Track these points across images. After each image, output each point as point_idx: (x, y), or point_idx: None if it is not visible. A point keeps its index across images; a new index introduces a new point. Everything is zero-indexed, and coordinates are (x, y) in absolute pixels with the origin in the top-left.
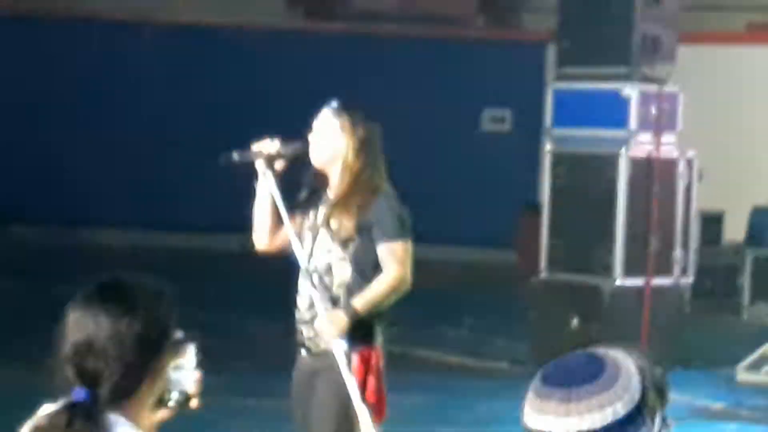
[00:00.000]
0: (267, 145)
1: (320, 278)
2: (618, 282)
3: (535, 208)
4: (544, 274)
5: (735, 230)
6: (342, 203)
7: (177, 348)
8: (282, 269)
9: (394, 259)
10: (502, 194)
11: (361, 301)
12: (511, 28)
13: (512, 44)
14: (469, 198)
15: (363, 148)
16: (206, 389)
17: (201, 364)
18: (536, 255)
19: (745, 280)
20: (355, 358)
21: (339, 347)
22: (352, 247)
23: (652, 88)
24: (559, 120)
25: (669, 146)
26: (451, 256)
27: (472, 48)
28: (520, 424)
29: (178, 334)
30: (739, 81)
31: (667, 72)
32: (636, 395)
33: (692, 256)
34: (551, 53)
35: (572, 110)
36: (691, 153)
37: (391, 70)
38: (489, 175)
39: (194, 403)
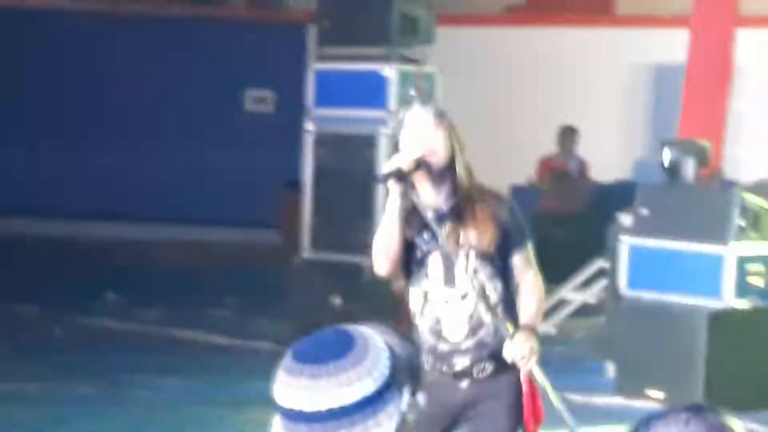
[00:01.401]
0: (408, 157)
1: (480, 301)
2: None
3: (297, 188)
4: (306, 254)
5: None
6: (476, 214)
7: None
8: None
9: (533, 264)
10: (266, 174)
11: (533, 319)
12: (272, 8)
13: (274, 24)
14: (232, 178)
15: (462, 150)
16: None
17: None
18: (299, 234)
19: None
20: (522, 379)
21: (537, 372)
22: (496, 259)
23: (410, 68)
24: (320, 100)
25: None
26: (215, 236)
27: (234, 28)
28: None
29: None
30: (497, 62)
31: (426, 53)
32: (385, 371)
33: None
34: (312, 34)
35: (333, 90)
36: None
37: (152, 50)
38: (252, 156)
39: None
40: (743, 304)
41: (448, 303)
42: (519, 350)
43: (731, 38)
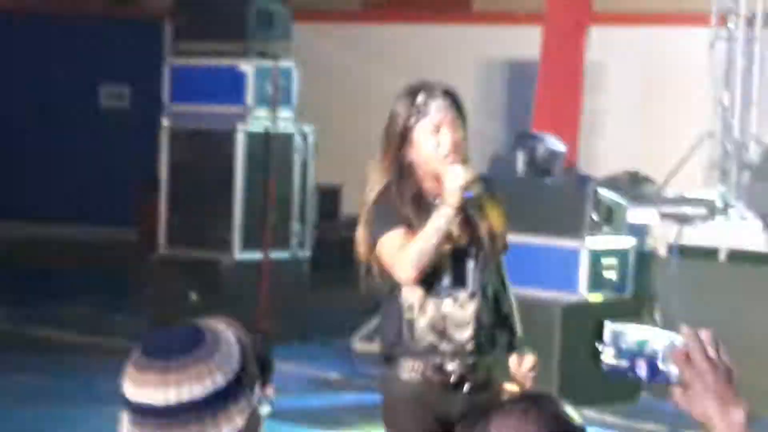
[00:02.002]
0: (464, 173)
1: (484, 302)
2: (237, 256)
3: (154, 185)
4: (163, 250)
5: (352, 204)
6: (488, 211)
7: None
8: None
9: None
10: (122, 171)
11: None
12: (128, 3)
13: (130, 19)
14: (88, 176)
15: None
16: None
17: None
18: (156, 232)
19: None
20: None
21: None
22: (502, 260)
23: (267, 64)
24: (177, 96)
25: (285, 121)
26: (71, 234)
27: (90, 23)
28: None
29: None
30: (355, 59)
31: (283, 48)
32: (235, 365)
33: (310, 230)
34: (169, 29)
35: (189, 86)
36: (307, 128)
37: (5, 43)
38: (108, 152)
39: None
40: (597, 297)
41: (457, 302)
42: (527, 365)
43: (584, 35)
